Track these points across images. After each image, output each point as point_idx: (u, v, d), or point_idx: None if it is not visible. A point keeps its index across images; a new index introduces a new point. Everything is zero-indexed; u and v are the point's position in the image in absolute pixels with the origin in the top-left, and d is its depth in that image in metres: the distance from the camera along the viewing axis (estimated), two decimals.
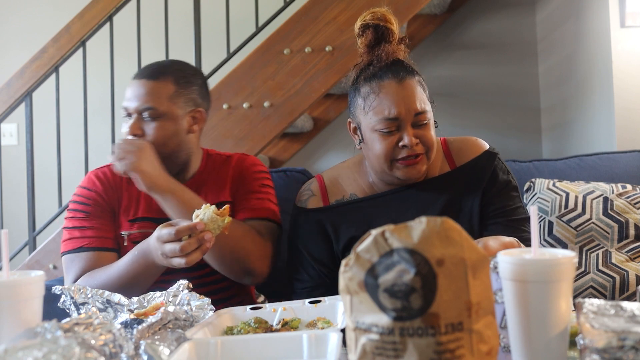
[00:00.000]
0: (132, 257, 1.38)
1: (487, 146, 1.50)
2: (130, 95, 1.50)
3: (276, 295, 1.80)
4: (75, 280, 1.47)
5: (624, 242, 1.88)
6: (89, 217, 1.52)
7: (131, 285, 1.36)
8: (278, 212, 1.60)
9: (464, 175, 1.46)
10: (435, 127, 1.44)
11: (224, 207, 1.28)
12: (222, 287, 1.55)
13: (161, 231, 1.27)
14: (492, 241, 1.17)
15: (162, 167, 1.46)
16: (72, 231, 1.52)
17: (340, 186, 1.52)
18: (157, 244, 1.27)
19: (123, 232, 1.54)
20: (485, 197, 1.44)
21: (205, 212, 1.25)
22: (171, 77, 1.52)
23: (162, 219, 1.50)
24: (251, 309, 1.19)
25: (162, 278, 1.43)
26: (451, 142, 1.52)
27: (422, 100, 1.38)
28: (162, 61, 1.60)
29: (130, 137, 1.49)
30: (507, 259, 0.79)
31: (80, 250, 1.49)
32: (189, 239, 1.24)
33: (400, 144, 1.37)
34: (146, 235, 1.48)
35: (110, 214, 1.55)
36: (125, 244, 1.53)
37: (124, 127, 1.51)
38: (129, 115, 1.51)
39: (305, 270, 1.49)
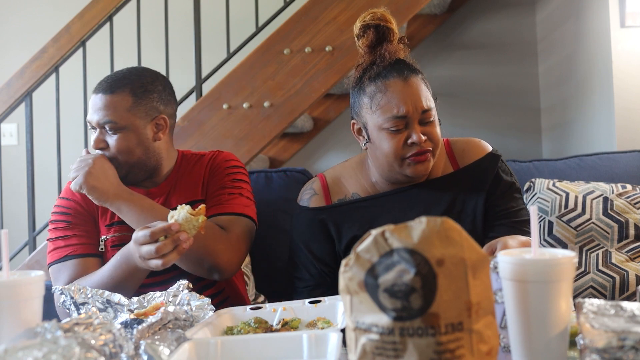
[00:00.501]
0: (115, 262, 1.38)
1: (490, 148, 1.51)
2: (91, 109, 1.51)
3: (276, 295, 1.80)
4: None
5: (624, 242, 1.88)
6: (71, 226, 1.53)
7: (117, 290, 1.35)
8: (252, 206, 1.58)
9: (467, 177, 1.46)
10: (439, 124, 1.45)
11: (199, 207, 1.27)
12: (206, 284, 1.55)
13: (137, 233, 1.27)
14: (511, 240, 1.20)
15: (115, 178, 1.48)
16: (56, 241, 1.53)
17: (342, 185, 1.52)
18: (135, 246, 1.27)
19: (101, 237, 1.54)
20: (489, 199, 1.45)
21: (179, 213, 1.25)
22: (128, 89, 1.51)
23: None
24: (251, 309, 1.19)
25: (155, 279, 1.44)
26: (454, 142, 1.53)
27: (428, 98, 1.40)
28: (119, 72, 1.57)
29: (97, 150, 1.51)
30: (507, 259, 0.79)
31: (66, 258, 1.50)
32: (165, 240, 1.23)
33: (409, 141, 1.38)
34: (123, 238, 1.49)
35: (92, 221, 1.56)
36: (102, 249, 1.53)
37: (90, 140, 1.53)
38: (94, 128, 1.52)
39: (307, 269, 1.50)
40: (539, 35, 3.39)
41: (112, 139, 1.50)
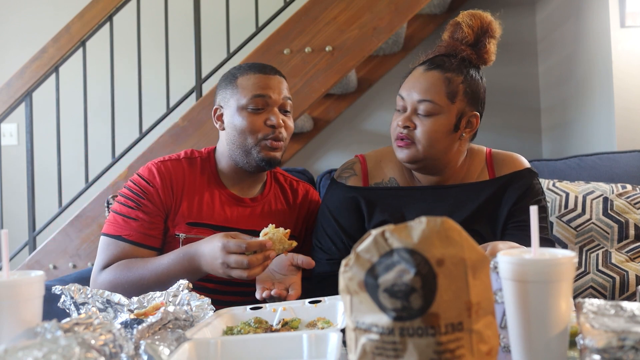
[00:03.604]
0: (175, 257, 1.38)
1: (528, 164, 1.55)
2: (268, 88, 1.53)
3: None
4: (106, 266, 1.47)
5: (624, 242, 1.88)
6: (138, 209, 1.50)
7: (163, 285, 1.35)
8: None
9: (501, 186, 1.50)
10: (473, 136, 1.51)
11: (287, 230, 1.32)
12: None
13: (228, 242, 1.27)
14: (501, 244, 1.21)
15: None
16: (117, 216, 1.51)
17: (381, 169, 1.57)
18: (220, 253, 1.27)
19: (179, 234, 1.51)
20: (512, 208, 1.47)
21: (274, 233, 1.30)
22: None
23: (223, 227, 1.51)
24: (251, 309, 1.19)
25: (242, 289, 1.48)
26: (496, 154, 1.56)
27: (434, 92, 1.43)
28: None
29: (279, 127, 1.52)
30: (507, 259, 0.79)
31: (119, 238, 1.48)
32: (256, 254, 1.26)
33: (397, 122, 1.46)
34: None
35: (162, 213, 1.52)
36: (181, 245, 1.50)
37: (274, 120, 1.51)
38: (260, 108, 1.52)
39: (334, 242, 1.52)
40: (539, 35, 3.39)
41: (287, 119, 1.56)
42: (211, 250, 1.30)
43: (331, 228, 1.53)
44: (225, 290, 1.50)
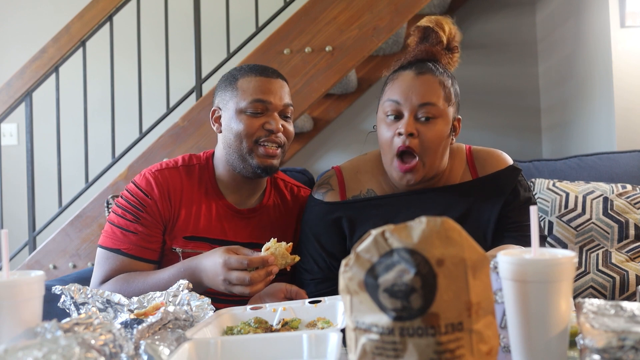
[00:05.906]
0: (176, 272, 1.36)
1: (511, 161, 1.51)
2: (268, 92, 1.48)
3: None
4: (104, 280, 1.45)
5: (624, 242, 1.88)
6: (136, 222, 1.47)
7: None
8: None
9: (485, 186, 1.46)
10: (454, 134, 1.45)
11: (289, 244, 1.30)
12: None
13: (229, 258, 1.25)
14: (497, 252, 1.19)
15: None
16: (115, 228, 1.48)
17: (358, 181, 1.52)
18: (221, 269, 1.26)
19: (177, 249, 1.49)
20: (503, 210, 1.44)
21: (276, 248, 1.28)
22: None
23: (221, 240, 1.49)
24: (251, 309, 1.19)
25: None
26: (476, 152, 1.52)
27: (433, 95, 1.38)
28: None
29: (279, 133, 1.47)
30: (507, 259, 0.79)
31: (117, 252, 1.46)
32: (258, 270, 1.25)
33: (397, 131, 1.38)
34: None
35: (160, 225, 1.50)
36: (181, 259, 1.48)
37: (272, 125, 1.47)
38: (260, 112, 1.48)
39: (315, 262, 1.49)
40: (539, 35, 3.39)
41: (288, 124, 1.52)
42: (212, 266, 1.28)
43: (313, 248, 1.50)
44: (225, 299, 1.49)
